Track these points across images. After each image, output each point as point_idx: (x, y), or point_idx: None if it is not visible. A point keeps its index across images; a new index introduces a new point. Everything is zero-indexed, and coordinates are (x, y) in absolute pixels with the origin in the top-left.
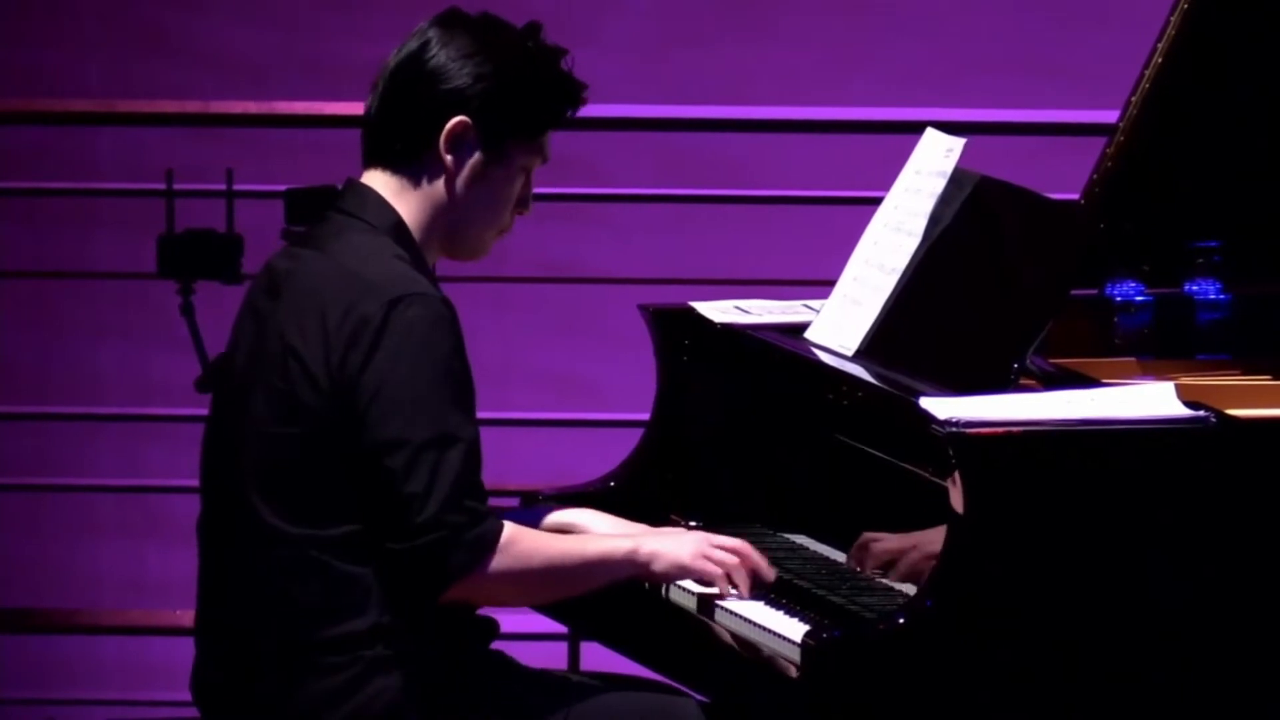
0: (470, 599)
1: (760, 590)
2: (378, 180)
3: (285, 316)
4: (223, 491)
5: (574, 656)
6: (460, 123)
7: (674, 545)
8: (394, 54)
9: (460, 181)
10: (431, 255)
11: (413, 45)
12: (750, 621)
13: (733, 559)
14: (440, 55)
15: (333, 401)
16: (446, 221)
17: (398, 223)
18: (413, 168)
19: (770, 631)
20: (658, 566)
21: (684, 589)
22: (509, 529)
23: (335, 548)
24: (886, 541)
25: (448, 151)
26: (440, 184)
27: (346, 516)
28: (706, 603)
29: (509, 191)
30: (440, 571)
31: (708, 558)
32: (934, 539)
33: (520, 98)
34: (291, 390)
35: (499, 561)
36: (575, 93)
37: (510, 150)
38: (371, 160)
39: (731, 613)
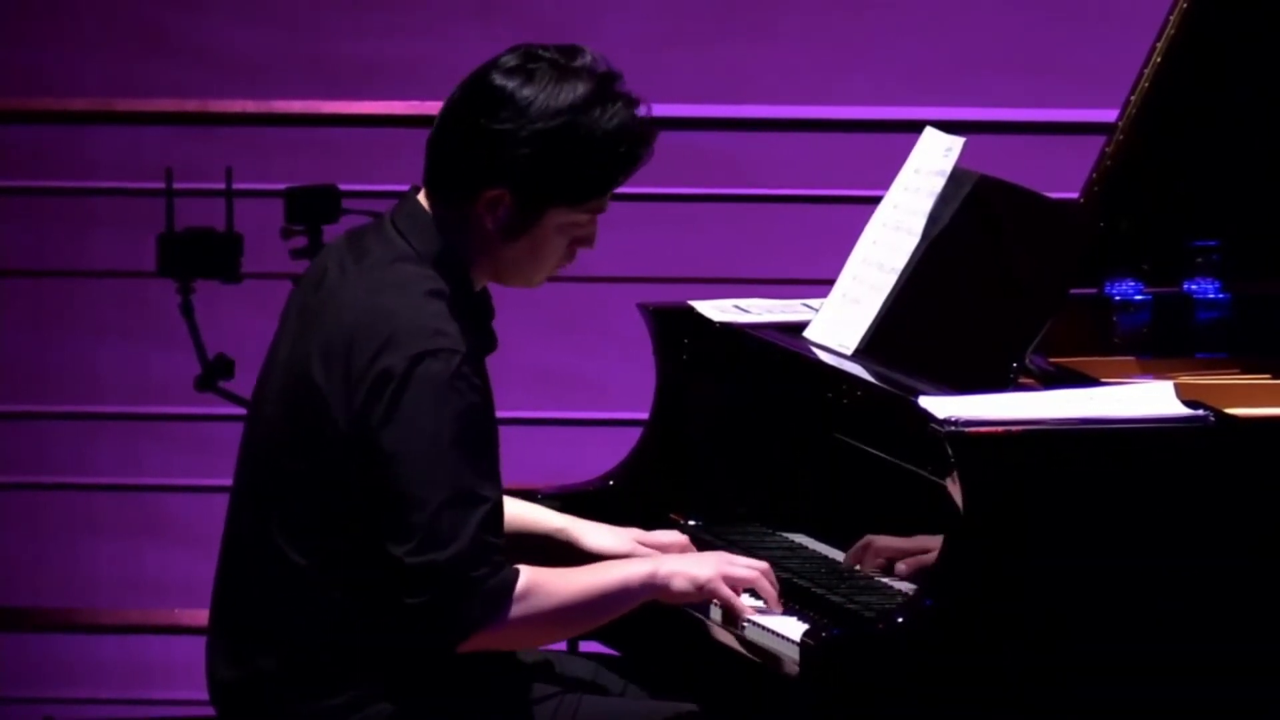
0: (493, 647)
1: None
2: (427, 202)
3: (315, 346)
4: (243, 503)
5: None
6: (497, 195)
7: (693, 565)
8: (462, 84)
9: (498, 239)
10: (480, 281)
11: (477, 87)
12: (752, 623)
13: (751, 574)
14: (498, 116)
15: (350, 447)
16: (489, 264)
17: (441, 250)
18: (456, 209)
19: (769, 630)
20: (676, 585)
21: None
22: (526, 575)
23: (344, 580)
24: (888, 540)
25: (484, 213)
26: (480, 234)
27: (357, 552)
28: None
29: (550, 247)
30: (460, 624)
31: (726, 577)
32: (938, 544)
33: (566, 169)
34: (311, 425)
35: (519, 609)
36: (631, 156)
37: (551, 214)
38: (425, 181)
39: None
